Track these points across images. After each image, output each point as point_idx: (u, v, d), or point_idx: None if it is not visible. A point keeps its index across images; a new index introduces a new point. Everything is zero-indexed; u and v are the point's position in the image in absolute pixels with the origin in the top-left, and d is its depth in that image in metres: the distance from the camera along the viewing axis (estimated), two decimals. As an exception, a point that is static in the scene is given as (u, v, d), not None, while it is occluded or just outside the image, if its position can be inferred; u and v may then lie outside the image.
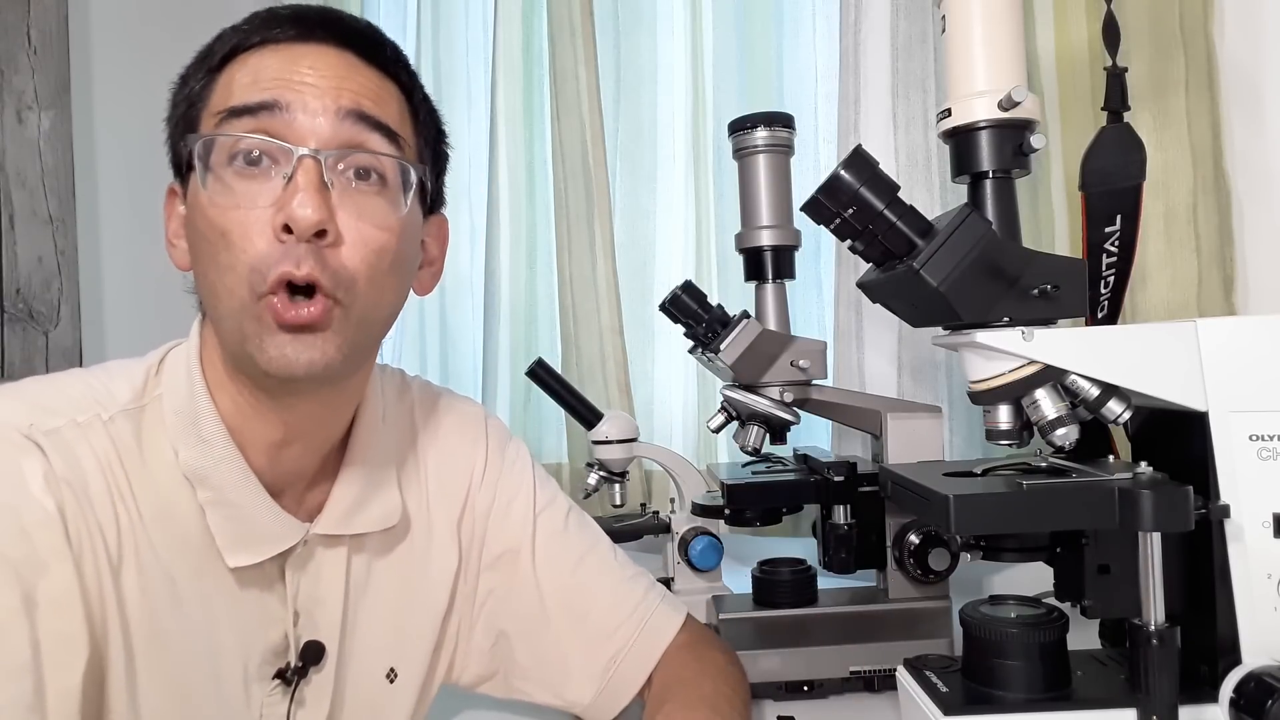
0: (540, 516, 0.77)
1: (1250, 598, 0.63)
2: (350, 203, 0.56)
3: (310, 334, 0.55)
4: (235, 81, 0.57)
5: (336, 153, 0.56)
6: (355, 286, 0.57)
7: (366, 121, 0.57)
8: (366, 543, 0.68)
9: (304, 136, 0.55)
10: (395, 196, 0.59)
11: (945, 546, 0.85)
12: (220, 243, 0.55)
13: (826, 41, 1.30)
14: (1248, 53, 0.95)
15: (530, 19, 1.52)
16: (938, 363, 1.11)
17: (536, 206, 1.53)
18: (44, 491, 0.53)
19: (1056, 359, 0.66)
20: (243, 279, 0.54)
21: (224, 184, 0.55)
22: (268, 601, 0.63)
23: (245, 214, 0.54)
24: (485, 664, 0.76)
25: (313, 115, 0.56)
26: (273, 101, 0.55)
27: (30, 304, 1.55)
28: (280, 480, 0.63)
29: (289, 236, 0.54)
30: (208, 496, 0.59)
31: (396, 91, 0.61)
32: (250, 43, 0.58)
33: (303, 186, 0.54)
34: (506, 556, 0.75)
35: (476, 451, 0.77)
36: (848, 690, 0.85)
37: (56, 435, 0.56)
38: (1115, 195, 0.77)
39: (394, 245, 0.59)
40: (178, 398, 0.61)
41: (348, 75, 0.58)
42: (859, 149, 0.68)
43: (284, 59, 0.57)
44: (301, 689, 0.64)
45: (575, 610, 0.74)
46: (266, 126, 0.55)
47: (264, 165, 0.55)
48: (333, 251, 0.55)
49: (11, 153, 1.53)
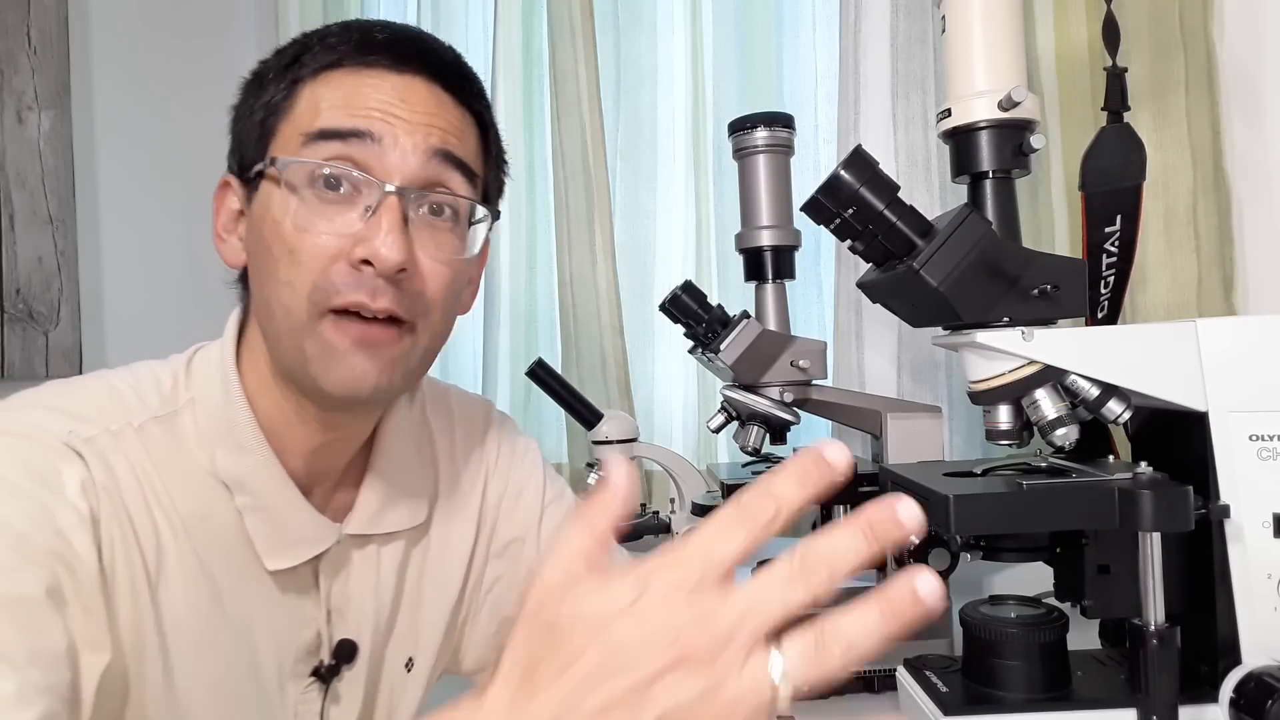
0: (549, 507, 0.78)
1: (1250, 598, 0.63)
2: (426, 238, 0.57)
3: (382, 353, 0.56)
4: (323, 101, 0.56)
5: (422, 192, 0.57)
6: (430, 313, 0.58)
7: (451, 161, 0.58)
8: (395, 540, 0.69)
9: (391, 172, 0.55)
10: (464, 233, 0.60)
11: (945, 546, 0.85)
12: (286, 259, 0.55)
13: (826, 41, 1.30)
14: (1248, 53, 0.95)
15: (530, 19, 1.52)
16: (938, 363, 1.11)
17: (536, 206, 1.52)
18: (79, 496, 0.53)
19: (1056, 359, 0.66)
20: (302, 297, 0.54)
21: (304, 205, 0.55)
22: (302, 601, 0.63)
23: (320, 239, 0.55)
24: (488, 650, 0.76)
25: (403, 152, 0.56)
26: (365, 131, 0.55)
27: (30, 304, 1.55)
28: (312, 480, 0.64)
29: (367, 269, 0.54)
30: (245, 501, 0.59)
31: (475, 128, 0.62)
32: (343, 63, 0.57)
33: (386, 226, 0.54)
34: (515, 545, 0.76)
35: (488, 442, 0.78)
36: (848, 690, 0.85)
37: (93, 443, 0.55)
38: (1115, 195, 0.77)
39: (460, 279, 0.61)
40: (212, 403, 0.60)
41: (438, 112, 0.58)
42: (859, 149, 0.68)
43: (376, 87, 0.57)
44: (335, 686, 0.65)
45: None
46: (354, 155, 0.55)
47: (345, 192, 0.55)
48: (409, 284, 0.56)
49: (11, 153, 1.53)
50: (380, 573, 0.67)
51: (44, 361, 1.55)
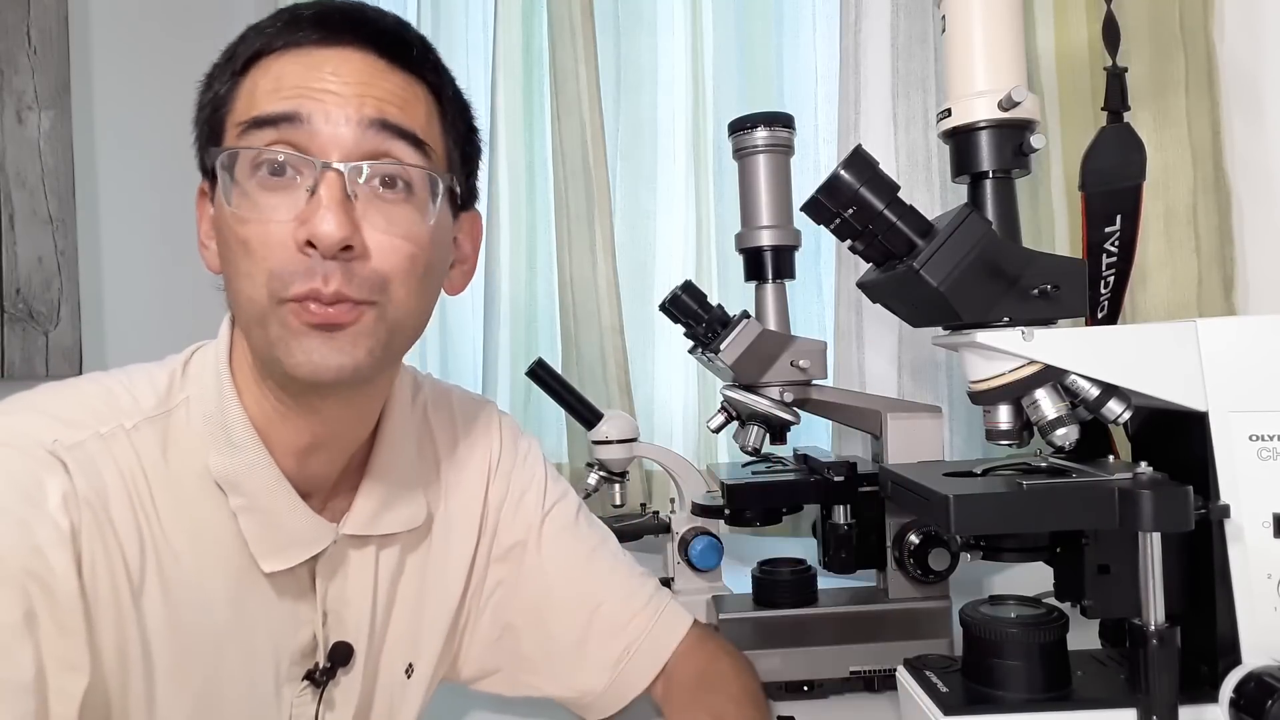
0: (552, 510, 0.77)
1: (1250, 598, 0.63)
2: (376, 213, 0.55)
3: (341, 333, 0.54)
4: (258, 89, 0.56)
5: (360, 164, 0.55)
6: (388, 288, 0.56)
7: (391, 130, 0.56)
8: (393, 542, 0.68)
9: (326, 148, 0.54)
10: (423, 204, 0.57)
11: (945, 546, 0.85)
12: (241, 251, 0.54)
13: (826, 41, 1.30)
14: (1248, 53, 0.95)
15: (530, 19, 1.52)
16: (938, 363, 1.11)
17: (536, 206, 1.53)
18: (60, 511, 0.52)
19: (1056, 359, 0.66)
20: (261, 285, 0.54)
21: (246, 196, 0.54)
22: (298, 603, 0.63)
23: (266, 227, 0.54)
24: (488, 657, 0.75)
25: (335, 125, 0.54)
26: (294, 112, 0.54)
27: (30, 304, 1.55)
28: (308, 484, 0.63)
29: (313, 251, 0.53)
30: (240, 503, 0.59)
31: (424, 93, 0.59)
32: (273, 46, 0.56)
33: (326, 201, 0.53)
34: (516, 549, 0.75)
35: (491, 444, 0.77)
36: (848, 690, 0.85)
37: (80, 450, 0.55)
38: (1115, 195, 0.77)
39: (424, 253, 0.58)
40: (206, 403, 0.60)
41: (371, 81, 0.56)
42: (859, 149, 0.67)
43: (306, 65, 0.55)
44: (330, 690, 0.64)
45: (588, 602, 0.74)
46: (289, 137, 0.54)
47: (287, 176, 0.54)
48: (361, 263, 0.54)
49: (11, 153, 1.53)
50: (379, 575, 0.67)
51: (44, 361, 1.55)
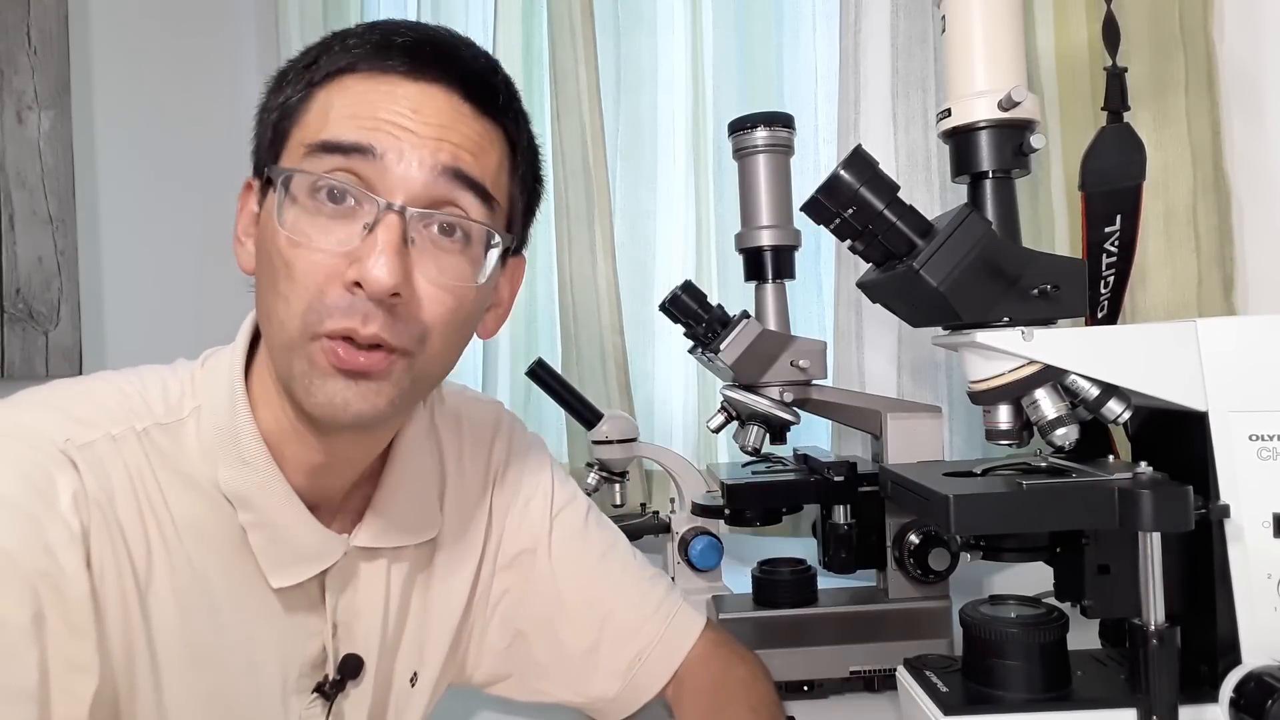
0: (559, 516, 0.76)
1: (1250, 598, 0.63)
2: (430, 261, 0.54)
3: (367, 381, 0.53)
4: (333, 109, 0.54)
5: (424, 212, 0.53)
6: (427, 340, 0.54)
7: (462, 180, 0.54)
8: (404, 554, 0.67)
9: (394, 188, 0.52)
10: (477, 259, 0.56)
11: (945, 546, 0.85)
12: (283, 272, 0.53)
13: (826, 41, 1.30)
14: (1248, 53, 0.95)
15: (530, 19, 1.52)
16: (938, 363, 1.11)
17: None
18: (71, 510, 0.51)
19: (1056, 359, 0.66)
20: (297, 314, 0.52)
21: (301, 219, 0.53)
22: (307, 615, 0.62)
23: (314, 256, 0.52)
24: (500, 664, 0.75)
25: (407, 166, 0.52)
26: (367, 145, 0.52)
27: (30, 304, 1.55)
28: (317, 495, 0.62)
29: (359, 291, 0.51)
30: (249, 518, 0.58)
31: (501, 141, 0.58)
32: (358, 68, 0.54)
33: (381, 245, 0.51)
34: (524, 556, 0.74)
35: (496, 450, 0.76)
36: (848, 690, 0.85)
37: (90, 450, 0.54)
38: (1115, 195, 0.77)
39: (467, 306, 0.56)
40: (218, 414, 0.58)
41: (452, 125, 0.54)
42: (859, 149, 0.67)
43: (388, 95, 0.53)
44: (339, 703, 0.63)
45: (598, 608, 0.74)
46: (357, 169, 0.52)
47: (346, 205, 0.52)
48: (405, 309, 0.53)
49: (11, 153, 1.53)
50: (389, 587, 0.66)
51: (44, 361, 1.55)
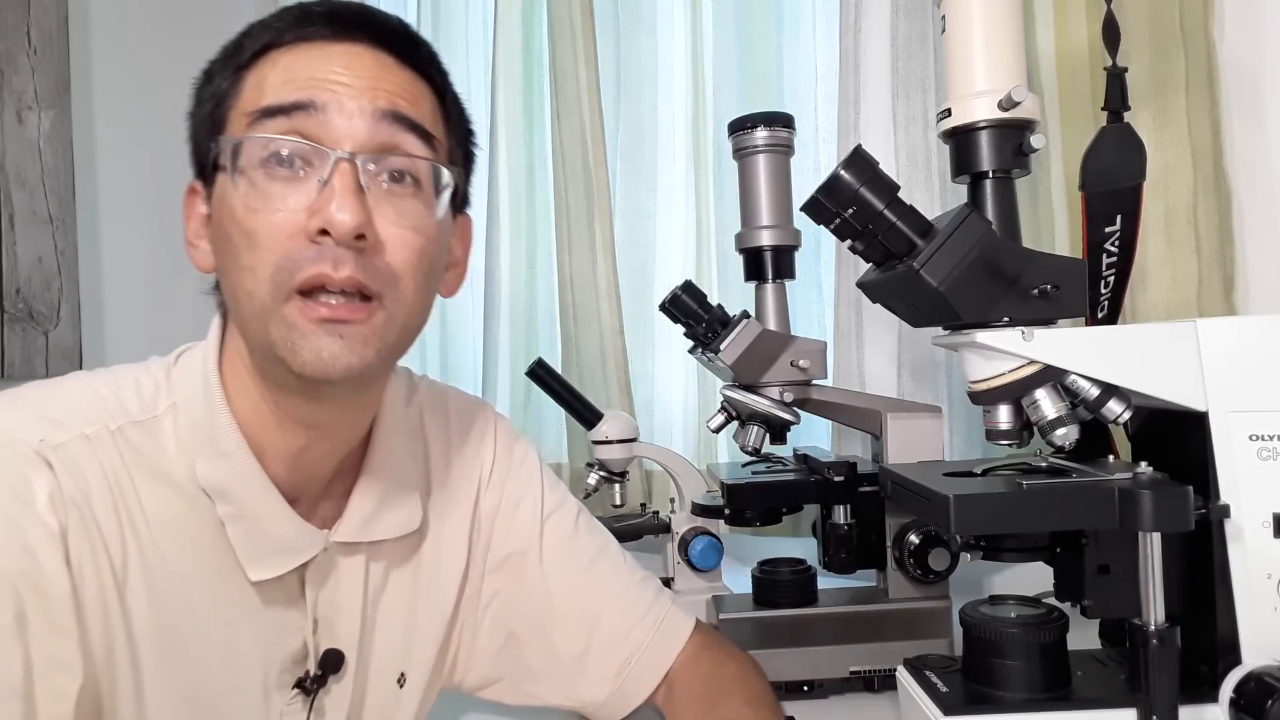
0: (549, 519, 0.76)
1: (1250, 598, 0.63)
2: (387, 207, 0.55)
3: (351, 331, 0.54)
4: (267, 81, 0.55)
5: (373, 155, 0.55)
6: (399, 284, 0.56)
7: (402, 123, 0.56)
8: (384, 549, 0.67)
9: (339, 139, 0.54)
10: (429, 199, 0.58)
11: (945, 546, 0.85)
12: (245, 244, 0.54)
13: (826, 41, 1.30)
14: (1248, 53, 0.95)
15: (530, 19, 1.52)
16: (938, 363, 1.11)
17: (536, 206, 1.53)
18: (49, 511, 0.52)
19: (1056, 359, 0.66)
20: (264, 280, 0.53)
21: (255, 186, 0.54)
22: (287, 610, 0.62)
23: (275, 217, 0.53)
24: (491, 667, 0.75)
25: (349, 116, 0.54)
26: (308, 102, 0.54)
27: (30, 304, 1.55)
28: (298, 487, 0.62)
29: (325, 239, 0.52)
30: (228, 511, 0.58)
31: (430, 92, 0.60)
32: (283, 40, 0.56)
33: (340, 190, 0.52)
34: (514, 559, 0.74)
35: (484, 451, 0.76)
36: (848, 690, 0.85)
37: (65, 450, 0.54)
38: (1115, 195, 0.77)
39: (433, 244, 0.58)
40: (194, 409, 0.59)
41: (382, 75, 0.56)
42: (859, 149, 0.67)
43: (317, 58, 0.55)
44: (321, 698, 0.64)
45: (588, 612, 0.74)
46: (301, 128, 0.54)
47: (297, 167, 0.54)
48: (373, 254, 0.54)
49: (11, 153, 1.53)
50: (369, 582, 0.66)
51: (44, 361, 1.55)
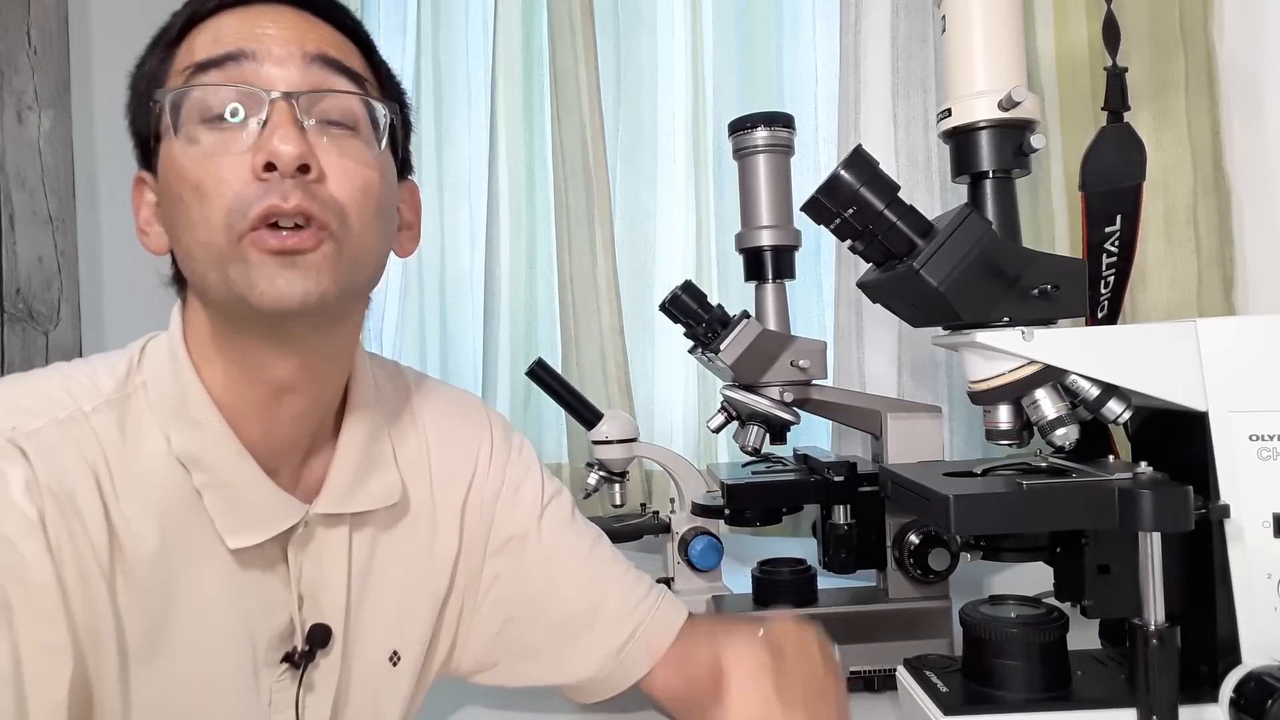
0: (550, 504, 0.77)
1: (1250, 598, 0.63)
2: (328, 145, 0.57)
3: (304, 261, 0.54)
4: (196, 44, 0.57)
5: (308, 94, 0.56)
6: (347, 218, 0.56)
7: (333, 65, 0.58)
8: (368, 521, 0.68)
9: (274, 81, 0.55)
10: (369, 138, 0.59)
11: (945, 546, 0.85)
12: (194, 197, 0.54)
13: (826, 41, 1.30)
14: (1248, 53, 0.95)
15: (530, 19, 1.52)
16: (938, 363, 1.11)
17: (536, 206, 1.53)
18: (25, 499, 0.52)
19: (1056, 359, 0.66)
20: (218, 227, 0.54)
21: (197, 141, 0.55)
22: (272, 585, 0.63)
23: (220, 161, 0.54)
24: (488, 650, 0.75)
25: (280, 62, 0.56)
26: (238, 51, 0.55)
27: (30, 304, 1.55)
28: (275, 454, 0.62)
29: (271, 175, 0.53)
30: (203, 479, 0.59)
31: (356, 48, 0.61)
32: (207, 9, 0.58)
33: (280, 124, 0.54)
34: (515, 541, 0.75)
35: (481, 436, 0.77)
36: (848, 690, 0.85)
37: (37, 437, 0.55)
38: (1115, 195, 0.77)
39: (377, 183, 0.59)
40: (163, 383, 0.60)
41: (309, 28, 0.58)
42: (859, 149, 0.68)
43: (243, 19, 0.57)
44: (310, 673, 0.64)
45: (593, 591, 0.74)
46: (234, 77, 0.55)
47: (236, 118, 0.55)
48: (319, 186, 0.55)
49: (11, 153, 1.53)
50: (354, 556, 0.66)
51: (44, 361, 1.55)
